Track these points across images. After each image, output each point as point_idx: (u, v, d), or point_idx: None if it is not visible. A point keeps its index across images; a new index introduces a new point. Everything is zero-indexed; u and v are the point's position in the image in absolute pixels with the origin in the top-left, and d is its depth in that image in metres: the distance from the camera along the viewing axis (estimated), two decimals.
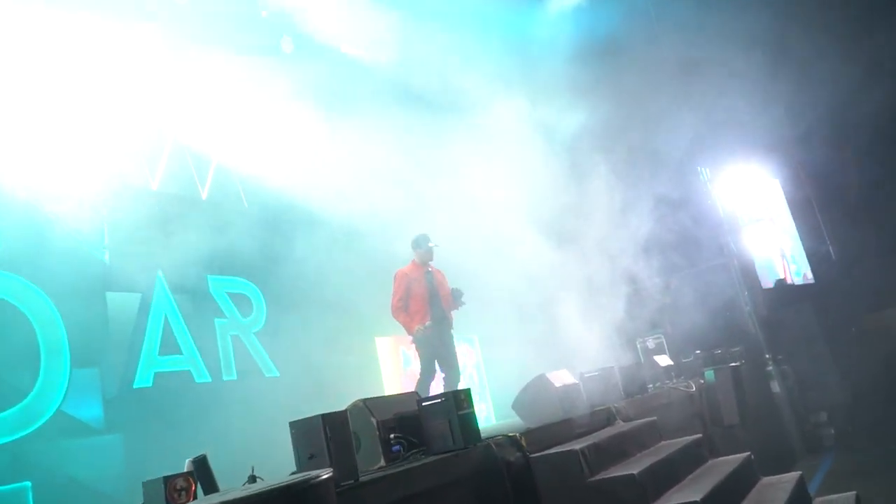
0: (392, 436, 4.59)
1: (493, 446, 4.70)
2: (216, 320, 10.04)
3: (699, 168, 11.77)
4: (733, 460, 5.78)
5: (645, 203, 9.55)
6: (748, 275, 11.55)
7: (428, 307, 7.90)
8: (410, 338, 8.01)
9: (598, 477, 4.80)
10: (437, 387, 8.00)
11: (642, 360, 9.20)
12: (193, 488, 3.01)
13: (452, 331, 8.16)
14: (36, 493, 7.74)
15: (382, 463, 4.48)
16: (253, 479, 3.46)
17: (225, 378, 9.84)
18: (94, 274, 8.88)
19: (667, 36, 11.11)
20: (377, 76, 10.22)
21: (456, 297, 8.09)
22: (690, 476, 5.38)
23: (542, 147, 9.30)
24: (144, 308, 9.38)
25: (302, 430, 3.73)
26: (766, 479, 5.77)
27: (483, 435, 5.21)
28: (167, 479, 2.97)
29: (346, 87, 9.81)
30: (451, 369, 7.85)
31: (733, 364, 8.26)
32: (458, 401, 4.59)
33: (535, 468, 4.89)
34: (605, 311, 8.70)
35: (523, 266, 9.01)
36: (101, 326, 8.79)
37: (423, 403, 4.67)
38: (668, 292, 10.62)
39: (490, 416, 10.66)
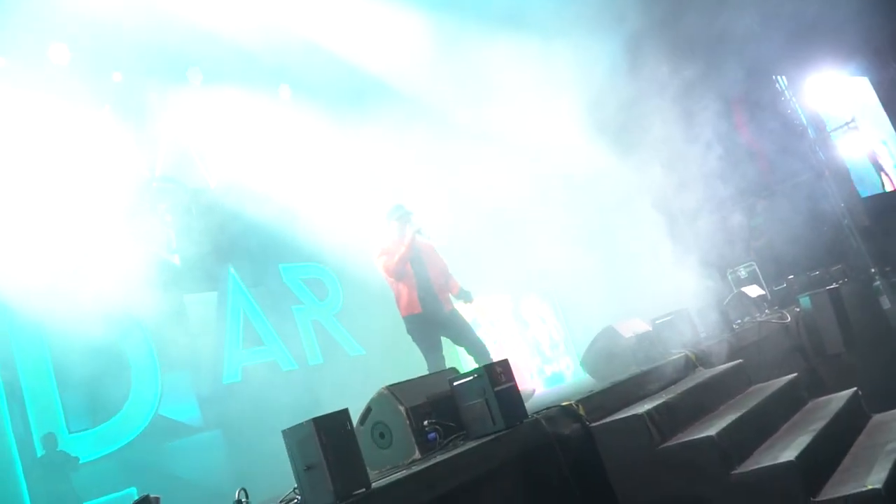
0: (426, 423, 3.88)
1: (543, 421, 3.90)
2: (293, 308, 9.71)
3: (775, 76, 10.28)
4: (837, 399, 4.75)
5: (721, 119, 8.29)
6: (843, 184, 10.04)
7: (416, 290, 6.38)
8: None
9: (670, 443, 3.93)
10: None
11: (735, 291, 8.11)
12: None
13: (454, 307, 6.60)
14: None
15: (417, 455, 3.79)
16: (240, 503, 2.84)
17: (311, 363, 9.54)
18: (169, 279, 8.68)
19: None
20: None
21: (465, 298, 6.62)
22: (785, 426, 4.40)
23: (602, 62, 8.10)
24: (222, 305, 9.18)
25: (295, 439, 3.08)
26: (877, 417, 4.70)
27: (553, 402, 4.41)
28: None
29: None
30: (473, 345, 6.45)
31: (830, 287, 7.03)
32: (494, 375, 3.80)
33: (597, 439, 4.07)
34: (689, 242, 7.64)
35: (593, 203, 8.03)
36: (184, 329, 8.60)
37: (455, 383, 3.92)
38: (754, 214, 9.38)
39: (578, 369, 9.81)
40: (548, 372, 9.92)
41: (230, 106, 9.31)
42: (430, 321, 6.40)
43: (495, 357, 5.33)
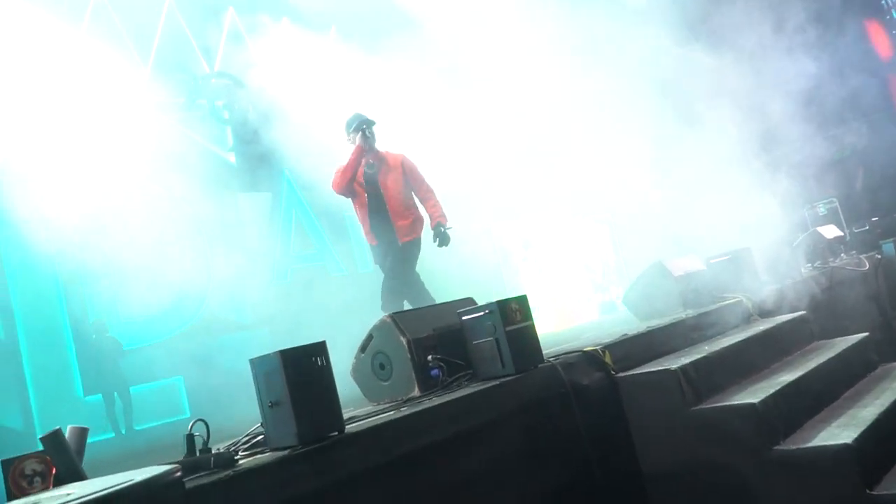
0: (430, 357, 3.35)
1: (560, 368, 3.31)
2: (346, 214, 9.30)
3: None
4: None
5: (804, 42, 7.15)
6: None
7: (367, 216, 5.28)
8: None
9: (705, 404, 3.28)
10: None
11: (809, 230, 7.16)
12: (53, 472, 2.01)
13: (415, 239, 5.29)
14: (190, 384, 7.62)
15: (417, 392, 3.28)
16: (191, 438, 2.40)
17: (361, 270, 9.21)
18: (224, 177, 8.43)
19: None
20: None
21: (441, 239, 5.23)
22: (847, 393, 3.67)
23: None
24: (275, 207, 8.93)
25: (261, 371, 2.58)
26: None
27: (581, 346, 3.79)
28: (9, 463, 1.96)
29: None
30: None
31: None
32: (508, 312, 3.21)
33: (623, 391, 3.46)
34: (765, 175, 6.70)
35: (663, 119, 7.12)
36: (237, 227, 8.40)
37: (465, 317, 3.35)
38: (840, 148, 8.23)
39: None
40: (598, 300, 9.26)
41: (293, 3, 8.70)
42: (380, 258, 5.36)
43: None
